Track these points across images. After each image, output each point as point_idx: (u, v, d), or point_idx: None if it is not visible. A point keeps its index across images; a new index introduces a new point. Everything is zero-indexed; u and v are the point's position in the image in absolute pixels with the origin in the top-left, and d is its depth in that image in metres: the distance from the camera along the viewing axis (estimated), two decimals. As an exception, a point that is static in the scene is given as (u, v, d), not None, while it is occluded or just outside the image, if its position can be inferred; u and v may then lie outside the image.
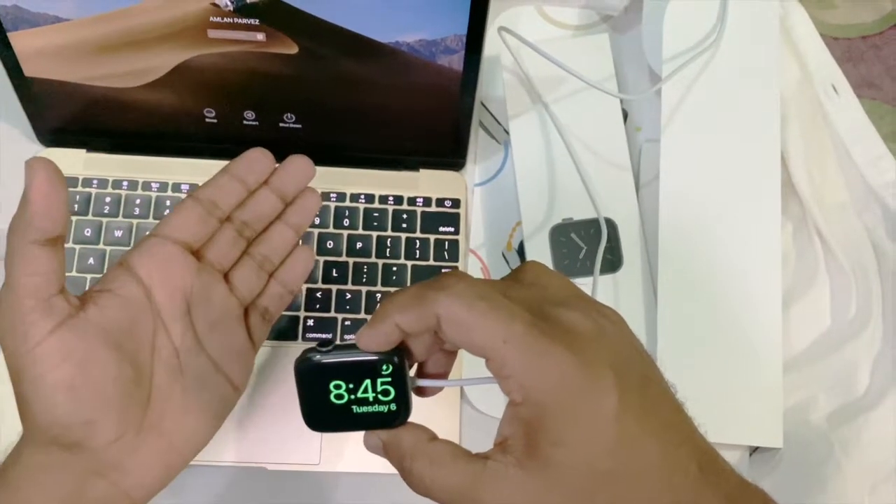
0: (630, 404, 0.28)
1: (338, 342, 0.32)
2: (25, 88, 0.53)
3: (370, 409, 0.31)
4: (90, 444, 0.34)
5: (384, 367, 0.31)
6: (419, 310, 0.30)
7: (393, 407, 0.31)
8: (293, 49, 0.51)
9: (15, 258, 0.32)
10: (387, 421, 0.32)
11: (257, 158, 0.42)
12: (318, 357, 0.31)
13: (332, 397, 0.31)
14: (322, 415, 0.32)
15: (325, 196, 0.58)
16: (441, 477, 0.30)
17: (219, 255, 0.40)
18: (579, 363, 0.28)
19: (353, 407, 0.31)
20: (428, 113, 0.55)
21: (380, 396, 0.31)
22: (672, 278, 0.54)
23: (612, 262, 0.56)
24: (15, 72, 0.52)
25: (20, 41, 0.50)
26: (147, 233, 0.40)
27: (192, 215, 0.40)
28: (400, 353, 0.31)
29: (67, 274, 0.54)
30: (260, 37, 0.50)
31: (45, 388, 0.33)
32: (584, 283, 0.55)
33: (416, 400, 0.33)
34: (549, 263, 0.56)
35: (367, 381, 0.31)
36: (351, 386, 0.31)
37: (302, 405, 0.32)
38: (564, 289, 0.32)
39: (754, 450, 0.54)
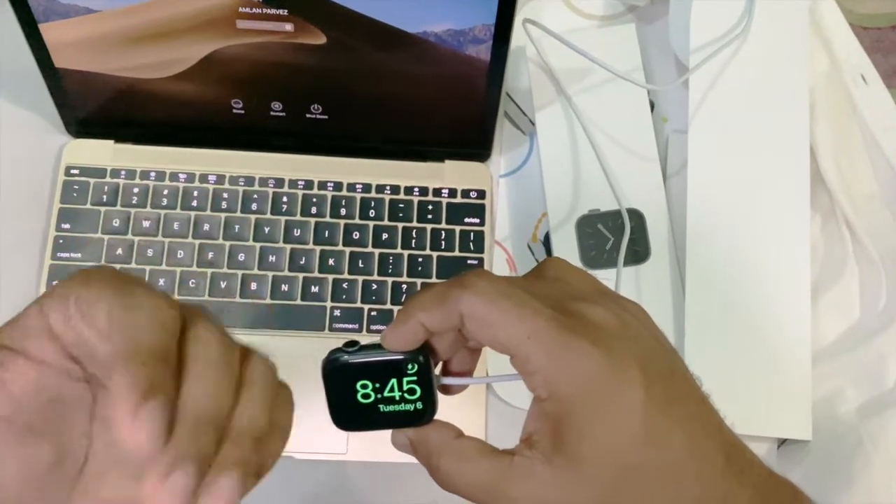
0: (655, 397, 0.28)
1: (363, 342, 0.32)
2: (55, 79, 0.54)
3: (397, 407, 0.32)
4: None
5: (409, 367, 0.31)
6: (443, 308, 0.30)
7: (419, 405, 0.32)
8: (321, 39, 0.51)
9: None
10: (413, 419, 0.32)
11: None
12: (344, 357, 0.31)
13: (358, 397, 0.31)
14: (349, 414, 0.32)
15: (351, 187, 0.58)
16: (468, 473, 0.30)
17: None
18: (604, 357, 0.28)
19: (380, 406, 0.32)
20: (454, 104, 0.55)
21: (406, 395, 0.31)
22: (700, 269, 0.53)
23: (640, 253, 0.56)
24: (45, 63, 0.52)
25: (51, 32, 0.50)
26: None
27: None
28: (425, 352, 0.31)
29: (95, 264, 0.55)
30: (288, 27, 0.50)
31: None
32: (610, 275, 0.54)
33: (442, 395, 0.33)
34: (576, 255, 0.55)
35: (393, 381, 0.31)
36: (377, 385, 0.31)
37: (329, 405, 0.32)
38: (587, 284, 0.32)
39: (782, 442, 0.54)
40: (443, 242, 0.57)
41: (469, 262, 0.57)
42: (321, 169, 0.58)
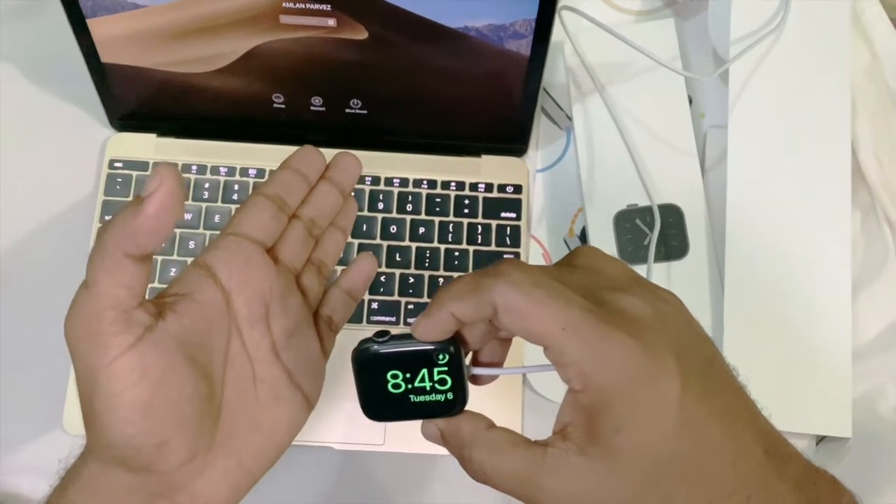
0: (693, 388, 0.28)
1: (394, 332, 0.32)
2: (101, 74, 0.54)
3: (427, 398, 0.32)
4: (160, 466, 0.31)
5: (440, 357, 0.31)
6: (475, 299, 0.29)
7: (450, 396, 0.32)
8: (363, 35, 0.51)
9: (105, 265, 0.30)
10: (444, 410, 0.32)
11: (313, 154, 0.40)
12: (374, 348, 0.31)
13: (389, 387, 0.31)
14: (380, 404, 0.32)
15: (389, 181, 0.59)
16: (500, 464, 0.30)
17: (291, 256, 0.38)
18: (640, 348, 0.28)
19: (411, 396, 0.32)
20: (493, 98, 0.55)
21: (437, 386, 0.31)
22: (739, 265, 0.53)
23: (678, 248, 0.56)
24: (92, 57, 0.53)
25: (98, 27, 0.51)
26: (221, 231, 0.36)
27: (265, 213, 0.37)
28: (456, 343, 0.31)
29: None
30: (331, 22, 0.50)
31: (121, 407, 0.30)
32: (648, 269, 0.55)
33: (473, 386, 0.33)
34: (614, 250, 0.55)
35: (424, 371, 0.31)
36: (408, 376, 0.31)
37: (360, 395, 0.32)
38: (620, 273, 0.31)
39: (821, 439, 0.53)
40: (479, 237, 0.58)
41: (505, 256, 0.57)
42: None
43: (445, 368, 0.31)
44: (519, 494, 0.30)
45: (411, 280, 0.57)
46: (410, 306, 0.56)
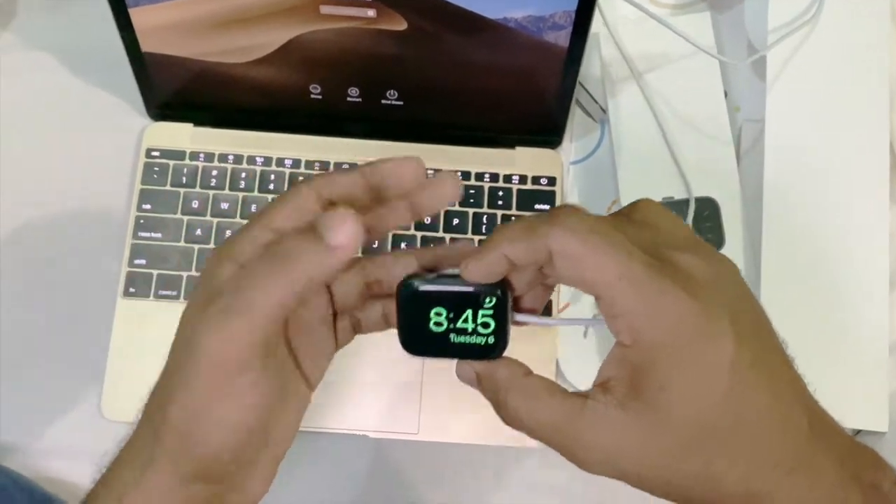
0: (744, 355, 0.27)
1: (442, 271, 0.31)
2: (141, 63, 0.55)
3: (467, 339, 0.31)
4: (237, 479, 0.31)
5: (487, 300, 0.31)
6: (530, 242, 0.29)
7: (491, 340, 0.31)
8: (402, 25, 0.51)
9: (277, 282, 0.27)
10: (483, 353, 0.31)
11: (408, 169, 0.32)
12: (421, 284, 0.31)
13: (431, 324, 0.31)
14: (419, 340, 0.32)
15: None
16: (537, 411, 0.29)
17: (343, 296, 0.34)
18: (696, 307, 0.27)
19: (451, 336, 0.31)
20: (529, 90, 0.55)
21: (479, 328, 0.31)
22: (776, 258, 0.53)
23: (713, 240, 0.56)
24: (132, 47, 0.54)
25: (140, 17, 0.52)
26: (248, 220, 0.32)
27: (306, 208, 0.32)
28: (503, 287, 0.31)
29: (175, 244, 0.56)
30: (370, 13, 0.50)
31: (225, 429, 0.29)
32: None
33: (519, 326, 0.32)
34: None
35: (469, 312, 0.31)
36: (451, 315, 0.31)
37: (400, 329, 0.32)
38: (679, 231, 0.30)
39: (857, 433, 0.53)
40: (513, 228, 0.58)
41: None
42: (394, 154, 0.59)
43: (490, 312, 0.31)
44: (552, 443, 0.29)
45: (445, 271, 0.57)
46: (444, 297, 0.57)
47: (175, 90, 0.57)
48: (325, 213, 0.28)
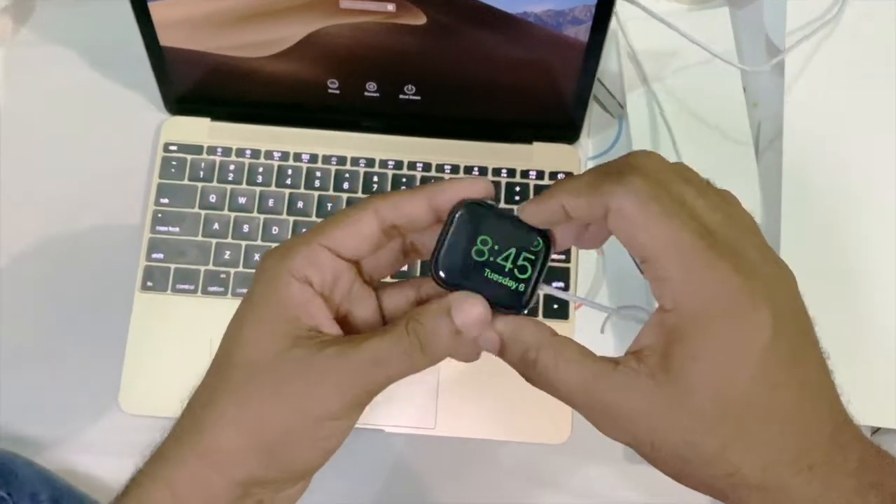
0: (779, 348, 0.28)
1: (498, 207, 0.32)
2: (159, 58, 0.55)
3: (500, 279, 0.31)
4: (290, 489, 0.33)
5: (535, 243, 0.31)
6: (592, 198, 0.29)
7: (521, 287, 0.31)
8: (421, 20, 0.51)
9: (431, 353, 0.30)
10: (508, 299, 0.31)
11: (477, 190, 0.32)
12: (485, 207, 0.31)
13: (473, 251, 0.31)
14: (455, 264, 0.31)
15: (440, 168, 0.59)
16: (568, 370, 0.29)
17: (372, 268, 0.34)
18: (742, 287, 0.27)
19: (486, 270, 0.31)
20: (548, 85, 0.55)
21: (516, 272, 0.31)
22: (795, 255, 0.53)
23: (731, 237, 0.55)
24: (152, 41, 0.54)
25: (159, 11, 0.52)
26: (305, 232, 0.32)
27: (368, 235, 0.32)
28: (549, 239, 0.31)
29: (193, 238, 0.56)
30: (390, 7, 0.50)
31: (315, 451, 0.31)
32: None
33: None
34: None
35: (513, 250, 0.31)
36: (496, 248, 0.31)
37: (440, 246, 0.31)
38: (751, 229, 0.30)
39: (875, 430, 0.53)
40: (530, 224, 0.58)
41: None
42: (411, 149, 0.59)
43: (532, 258, 0.31)
44: (577, 402, 0.30)
45: (462, 266, 0.57)
46: (461, 292, 0.57)
47: (193, 84, 0.57)
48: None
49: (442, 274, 0.31)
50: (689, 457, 0.28)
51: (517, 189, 0.58)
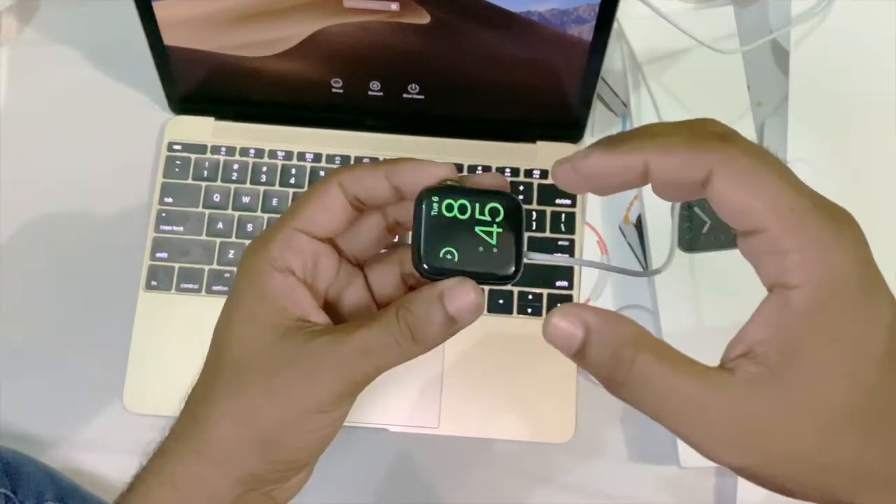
0: None
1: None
2: (163, 57, 0.55)
3: (484, 254, 0.29)
4: (290, 480, 0.33)
5: (507, 209, 0.29)
6: (690, 156, 0.24)
7: (507, 257, 0.29)
8: (425, 19, 0.51)
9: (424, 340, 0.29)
10: (497, 272, 0.29)
11: (427, 176, 0.30)
12: (447, 190, 0.30)
13: (450, 236, 0.29)
14: (433, 252, 0.29)
15: (444, 167, 0.59)
16: (672, 377, 0.24)
17: (357, 249, 0.34)
18: (866, 261, 0.24)
19: (468, 250, 0.29)
20: (552, 84, 0.55)
21: (497, 243, 0.29)
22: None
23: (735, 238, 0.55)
24: (156, 41, 0.54)
25: (163, 10, 0.52)
26: (278, 218, 0.32)
27: (337, 209, 0.32)
28: (516, 200, 0.30)
29: (197, 237, 0.56)
30: (394, 6, 0.50)
31: (311, 442, 0.31)
32: (709, 258, 0.54)
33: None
34: (672, 237, 0.55)
35: (489, 224, 0.29)
36: (473, 226, 0.29)
37: (417, 239, 0.29)
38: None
39: None
40: (534, 223, 0.58)
41: (560, 242, 0.57)
42: (415, 149, 0.59)
43: (508, 224, 0.29)
44: (676, 418, 0.24)
45: (466, 265, 0.57)
46: (465, 291, 0.56)
47: (197, 84, 0.58)
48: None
49: (425, 266, 0.29)
50: (826, 462, 0.24)
51: (521, 188, 0.58)
